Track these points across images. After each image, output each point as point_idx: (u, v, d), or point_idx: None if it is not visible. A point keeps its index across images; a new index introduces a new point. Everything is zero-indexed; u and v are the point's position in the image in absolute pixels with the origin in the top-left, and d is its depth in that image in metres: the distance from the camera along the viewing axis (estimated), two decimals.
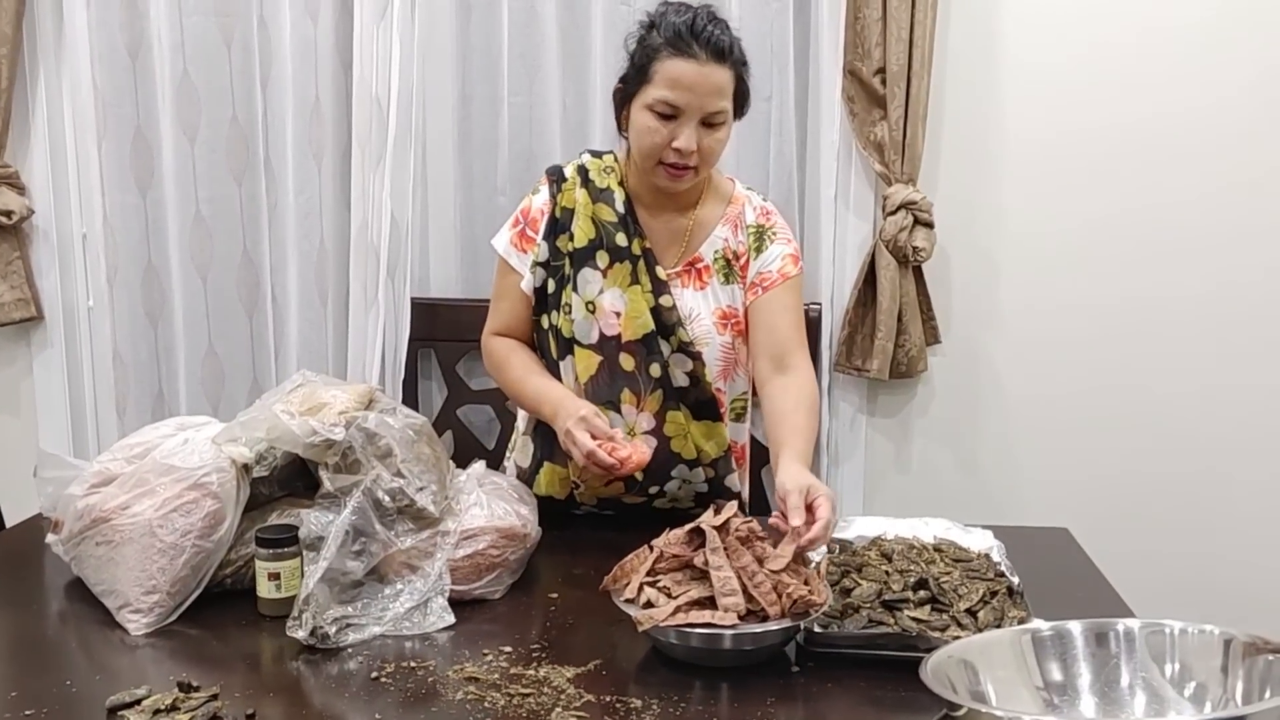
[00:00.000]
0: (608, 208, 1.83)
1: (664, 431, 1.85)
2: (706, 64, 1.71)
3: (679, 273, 1.85)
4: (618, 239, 1.82)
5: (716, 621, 1.37)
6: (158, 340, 2.56)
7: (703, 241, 1.86)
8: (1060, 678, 1.22)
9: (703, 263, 1.86)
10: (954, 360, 2.47)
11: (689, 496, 1.91)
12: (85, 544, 1.55)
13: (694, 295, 1.85)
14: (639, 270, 1.82)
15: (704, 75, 1.71)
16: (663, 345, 1.82)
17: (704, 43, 1.71)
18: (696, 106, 1.71)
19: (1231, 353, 2.41)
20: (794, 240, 1.90)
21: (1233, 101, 2.34)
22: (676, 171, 1.76)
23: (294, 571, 1.52)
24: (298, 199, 2.47)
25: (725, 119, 1.75)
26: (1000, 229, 2.43)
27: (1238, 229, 2.38)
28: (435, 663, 1.43)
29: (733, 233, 1.86)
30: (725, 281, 1.86)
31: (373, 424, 1.58)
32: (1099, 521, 2.11)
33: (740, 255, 1.86)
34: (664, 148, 1.73)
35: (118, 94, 2.45)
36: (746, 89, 1.79)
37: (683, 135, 1.72)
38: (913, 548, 1.62)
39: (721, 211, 1.87)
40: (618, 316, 1.82)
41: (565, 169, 1.88)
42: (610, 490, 1.88)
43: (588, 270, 1.83)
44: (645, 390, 1.84)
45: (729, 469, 1.91)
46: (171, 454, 1.56)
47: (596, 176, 1.85)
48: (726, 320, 1.86)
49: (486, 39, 2.44)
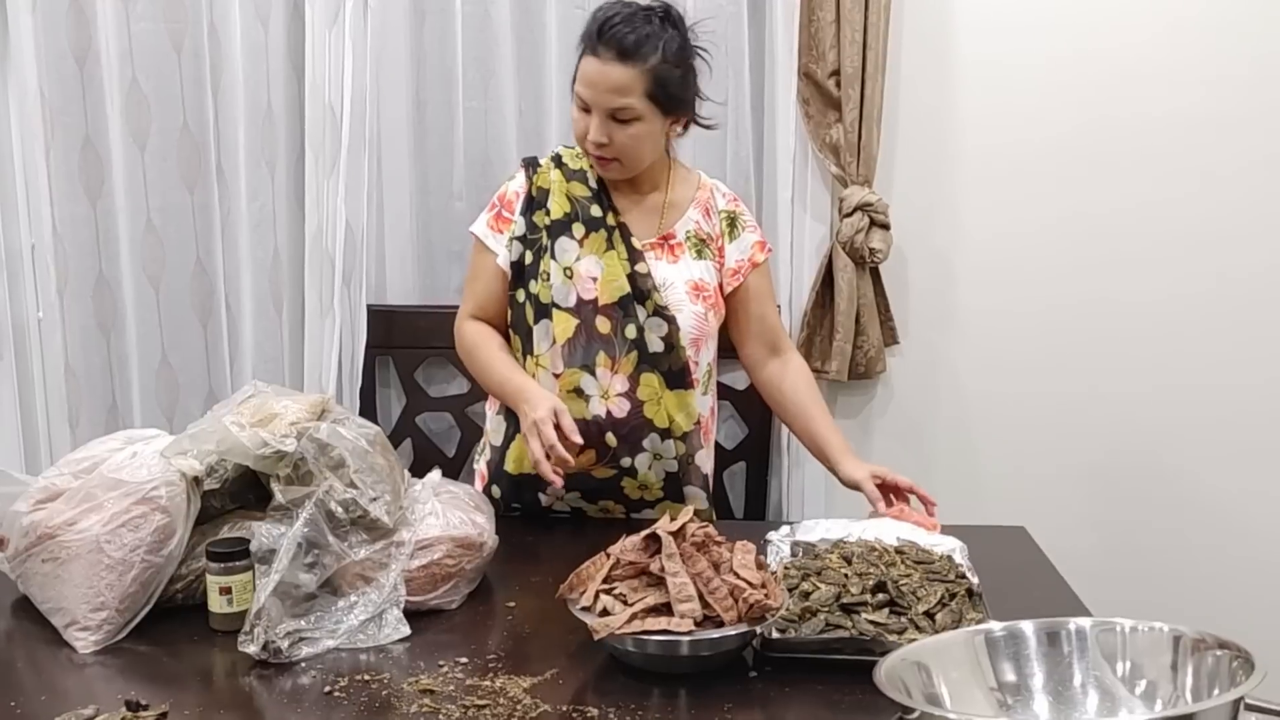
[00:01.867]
0: (581, 185, 1.92)
1: (637, 395, 1.88)
2: (609, 63, 1.78)
3: (653, 244, 1.92)
4: (592, 211, 1.90)
5: (672, 628, 1.36)
6: (110, 351, 2.52)
7: (676, 221, 1.94)
8: (1014, 678, 1.22)
9: (675, 239, 1.94)
10: (912, 361, 2.49)
11: (659, 479, 1.92)
12: (31, 561, 1.53)
13: (667, 266, 1.91)
14: (614, 239, 1.89)
15: (604, 74, 1.78)
16: (638, 309, 1.88)
17: (608, 42, 1.78)
18: (599, 103, 1.80)
19: (1186, 352, 2.44)
20: (759, 228, 2.04)
21: (1190, 103, 2.37)
22: (600, 161, 1.86)
23: (246, 585, 1.50)
24: (250, 206, 2.44)
25: (634, 115, 1.80)
26: (956, 230, 2.44)
27: (1195, 231, 2.40)
28: (390, 675, 1.41)
29: (704, 216, 1.95)
30: (698, 257, 1.93)
31: (325, 434, 1.56)
32: (1056, 520, 2.13)
33: (715, 238, 1.96)
34: (584, 138, 1.84)
35: (65, 102, 2.41)
36: (677, 89, 1.82)
37: (593, 128, 1.81)
38: (874, 550, 1.62)
39: (692, 195, 1.96)
40: (594, 281, 1.88)
41: (540, 158, 1.97)
42: (582, 462, 1.89)
43: (565, 239, 1.89)
44: (620, 353, 1.87)
45: (698, 445, 1.95)
46: (119, 468, 1.54)
47: (570, 160, 1.94)
48: (699, 292, 1.91)
49: (440, 44, 2.42)
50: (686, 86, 1.85)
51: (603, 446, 1.88)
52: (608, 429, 1.88)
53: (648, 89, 1.79)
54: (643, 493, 1.94)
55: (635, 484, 1.92)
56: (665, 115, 1.84)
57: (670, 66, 1.80)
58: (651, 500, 1.94)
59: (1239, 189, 2.39)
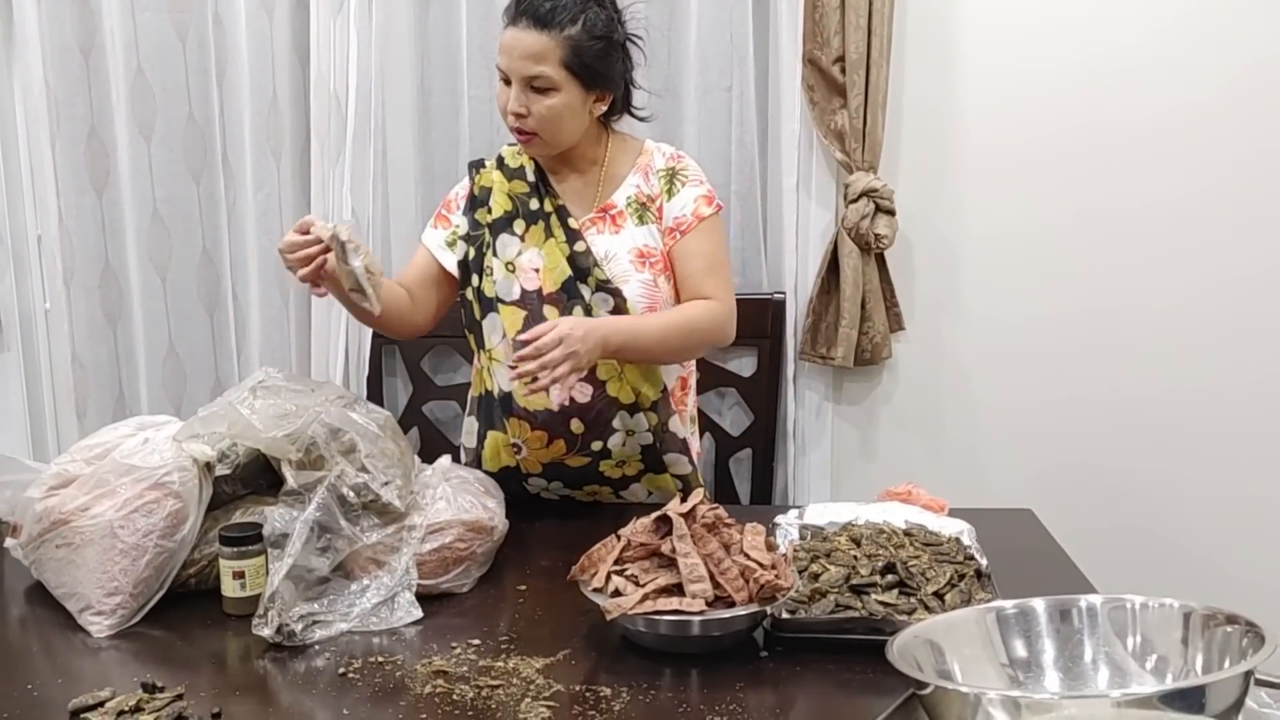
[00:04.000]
0: (520, 182, 1.93)
1: (598, 376, 1.87)
2: (524, 30, 1.78)
3: (592, 219, 1.90)
4: (531, 205, 1.90)
5: (684, 608, 1.37)
6: (117, 342, 2.52)
7: (614, 190, 1.91)
8: (1025, 654, 1.22)
9: (616, 209, 1.91)
10: (918, 346, 2.49)
11: (635, 453, 1.92)
12: (45, 547, 1.54)
13: (609, 238, 1.89)
14: (552, 225, 1.89)
15: (518, 40, 1.78)
16: (581, 289, 1.87)
17: (524, 11, 1.79)
18: (515, 70, 1.79)
19: (1192, 334, 2.44)
20: (706, 182, 1.93)
21: (1196, 95, 2.36)
22: (521, 136, 1.84)
23: (258, 570, 1.51)
24: (256, 196, 2.45)
25: (550, 84, 1.78)
26: (962, 215, 2.44)
27: (1199, 218, 2.40)
28: (403, 657, 1.42)
29: (644, 179, 1.92)
30: (640, 223, 1.90)
31: (336, 419, 1.57)
32: (1062, 502, 2.14)
33: (654, 199, 1.91)
34: (504, 110, 1.83)
35: (70, 93, 2.42)
36: (595, 62, 1.80)
37: (511, 97, 1.80)
38: (882, 532, 1.63)
39: (631, 162, 1.93)
40: (536, 272, 1.88)
41: (485, 159, 1.99)
42: (552, 452, 1.89)
43: (506, 236, 1.90)
44: None
45: (669, 411, 1.93)
46: (132, 454, 1.55)
47: (510, 160, 1.95)
48: (644, 258, 1.89)
49: (445, 32, 2.43)
50: (609, 62, 1.82)
51: (570, 435, 1.88)
52: (574, 416, 1.87)
53: (564, 58, 1.77)
54: (623, 469, 1.93)
55: (612, 463, 1.92)
56: (586, 89, 1.82)
57: (589, 38, 1.79)
58: (634, 475, 1.94)
59: (1246, 178, 2.38)
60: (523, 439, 1.90)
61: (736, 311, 1.91)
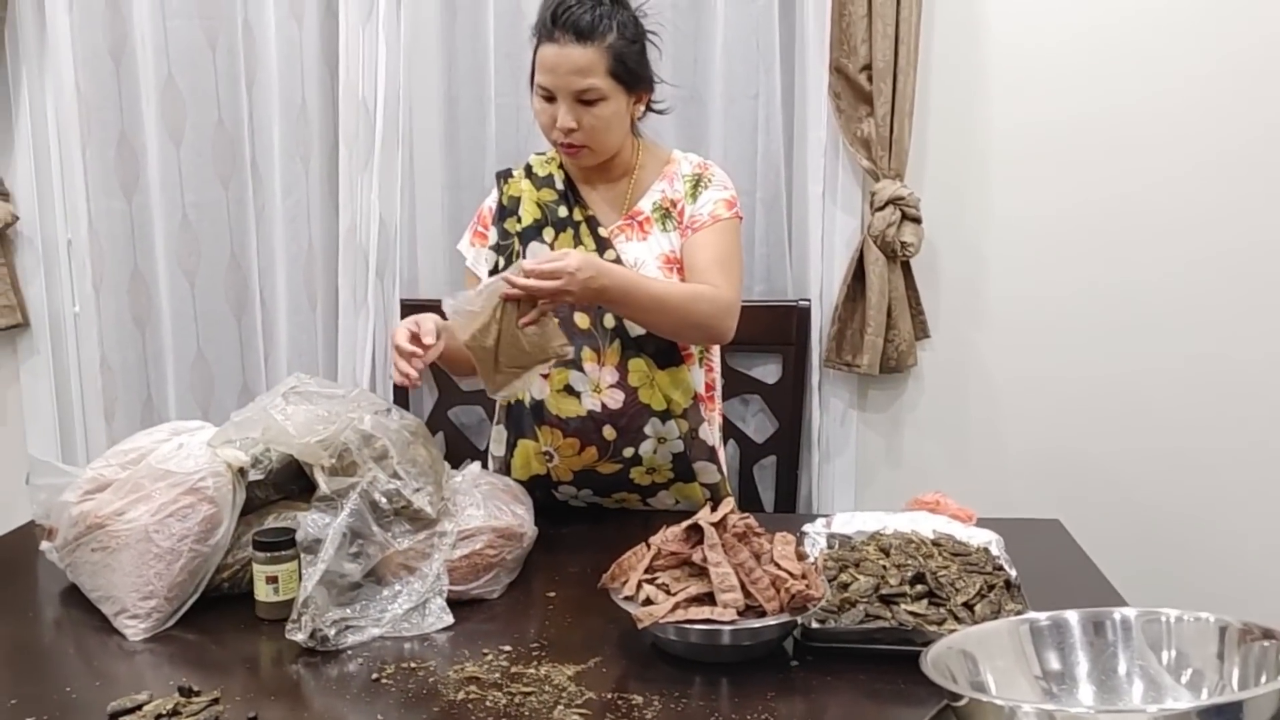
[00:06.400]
0: (549, 190, 1.93)
1: (629, 383, 1.88)
2: (567, 45, 1.78)
3: (620, 227, 1.91)
4: (560, 213, 1.91)
5: (715, 617, 1.37)
6: (145, 345, 2.55)
7: (641, 197, 1.93)
8: (1058, 667, 1.22)
9: (642, 215, 1.92)
10: (943, 354, 2.49)
11: (666, 462, 1.92)
12: (80, 550, 1.55)
13: (637, 245, 1.90)
14: (582, 233, 1.90)
15: (564, 56, 1.78)
16: None
17: (563, 26, 1.78)
18: (564, 87, 1.79)
19: (1220, 343, 2.43)
20: (731, 189, 1.94)
21: (1222, 95, 2.35)
22: (570, 150, 1.84)
23: (291, 574, 1.52)
24: (285, 201, 2.47)
25: (600, 95, 1.79)
26: (988, 223, 2.44)
27: (1229, 221, 2.39)
28: (435, 663, 1.43)
29: (669, 184, 1.93)
30: (664, 229, 1.91)
31: (369, 425, 1.58)
32: (1090, 511, 2.13)
33: (677, 203, 1.92)
34: (551, 128, 1.83)
35: (101, 98, 2.44)
36: (636, 65, 1.83)
37: (560, 114, 1.80)
38: (910, 542, 1.62)
39: (659, 170, 1.94)
40: None
41: (513, 169, 1.99)
42: (584, 459, 1.90)
43: (535, 244, 1.91)
44: (604, 343, 1.88)
45: (699, 419, 1.94)
46: (166, 459, 1.56)
47: (539, 168, 1.96)
48: (671, 265, 1.90)
49: (472, 39, 2.44)
50: (644, 63, 1.86)
51: (602, 442, 1.88)
52: (605, 422, 1.88)
53: (609, 67, 1.79)
54: (653, 477, 1.94)
55: (643, 470, 1.93)
56: (629, 93, 1.84)
57: (628, 43, 1.81)
58: (663, 483, 1.95)
59: (1274, 182, 2.37)
60: (554, 447, 1.91)
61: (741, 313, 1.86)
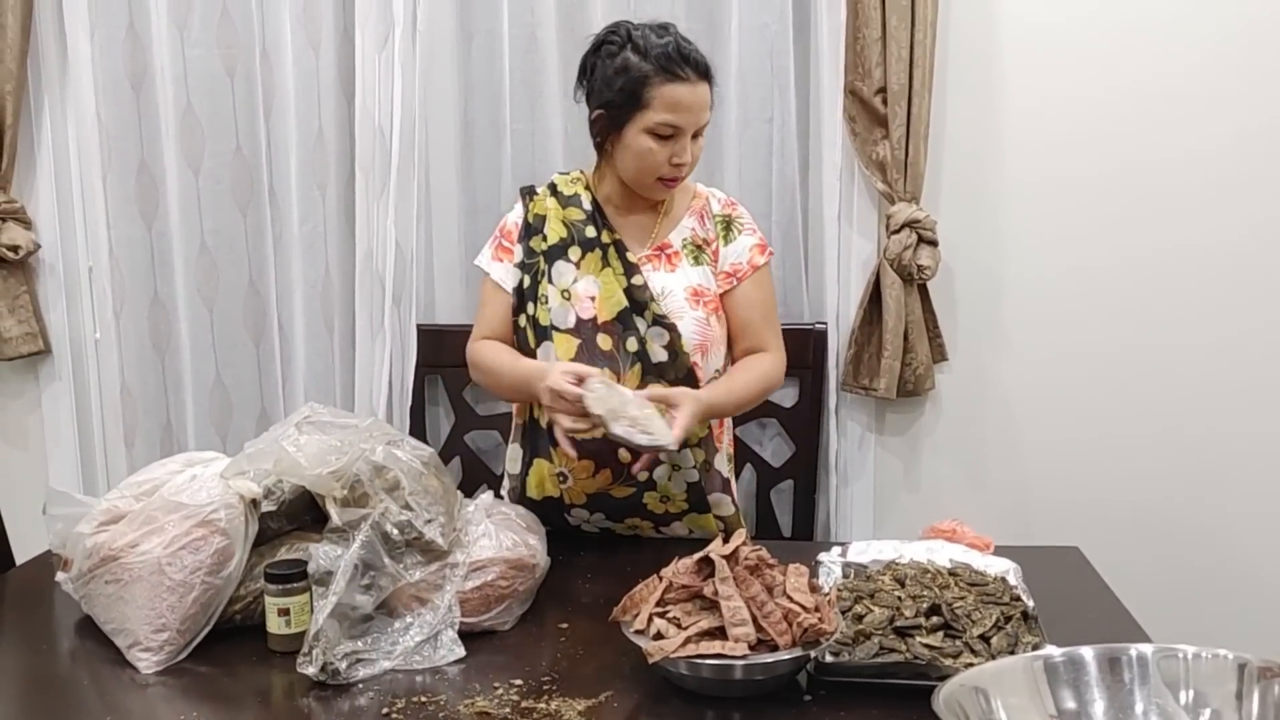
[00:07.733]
0: (576, 209, 1.94)
1: None
2: (697, 84, 1.82)
3: (649, 256, 1.93)
4: (587, 232, 1.92)
5: (727, 652, 1.36)
6: (165, 372, 2.56)
7: (670, 231, 1.95)
8: (1074, 705, 1.20)
9: (672, 248, 1.94)
10: (961, 378, 2.47)
11: (681, 491, 1.92)
12: (95, 582, 1.55)
13: (665, 275, 1.92)
14: (610, 256, 1.90)
15: (696, 95, 1.82)
16: (638, 321, 1.88)
17: (692, 65, 1.82)
18: (693, 123, 1.83)
19: (1241, 369, 2.40)
20: (759, 231, 2.00)
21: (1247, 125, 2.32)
22: (673, 183, 1.88)
23: (303, 607, 1.52)
24: (302, 228, 2.48)
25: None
26: (1004, 246, 2.42)
27: (1250, 242, 2.37)
28: (446, 697, 1.42)
29: (699, 222, 1.95)
30: (695, 263, 1.93)
31: (380, 456, 1.58)
32: (1109, 537, 2.10)
33: (710, 242, 1.95)
34: (664, 165, 1.84)
35: (121, 126, 2.46)
36: None
37: (684, 151, 1.84)
38: (926, 572, 1.61)
39: (687, 204, 1.97)
40: (592, 300, 1.89)
41: (537, 186, 2.00)
42: (599, 482, 1.89)
43: (561, 263, 1.91)
44: (625, 367, 1.88)
45: (714, 449, 1.95)
46: (179, 490, 1.57)
47: (564, 187, 1.97)
48: (699, 297, 1.91)
49: (488, 66, 2.45)
50: None
51: (617, 464, 1.88)
52: (622, 446, 1.86)
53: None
54: (666, 505, 1.93)
55: (657, 497, 1.92)
56: None
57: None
58: (677, 513, 1.94)
59: None
60: (569, 468, 1.90)
61: None
